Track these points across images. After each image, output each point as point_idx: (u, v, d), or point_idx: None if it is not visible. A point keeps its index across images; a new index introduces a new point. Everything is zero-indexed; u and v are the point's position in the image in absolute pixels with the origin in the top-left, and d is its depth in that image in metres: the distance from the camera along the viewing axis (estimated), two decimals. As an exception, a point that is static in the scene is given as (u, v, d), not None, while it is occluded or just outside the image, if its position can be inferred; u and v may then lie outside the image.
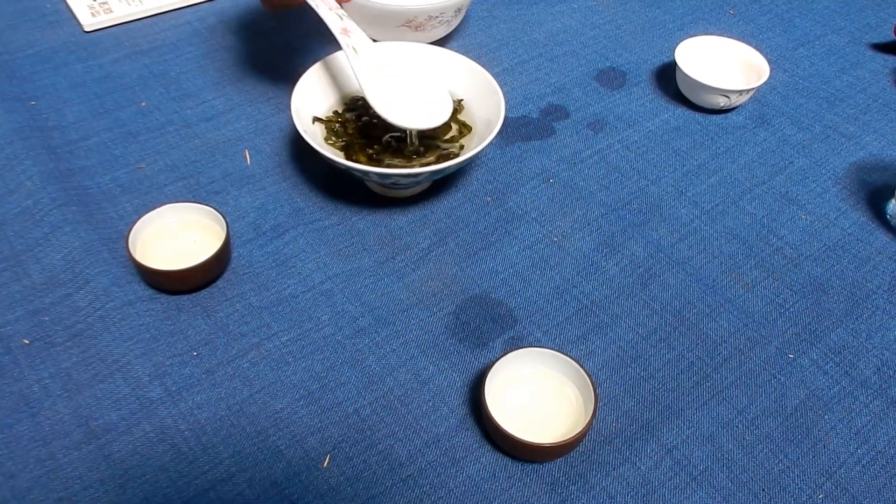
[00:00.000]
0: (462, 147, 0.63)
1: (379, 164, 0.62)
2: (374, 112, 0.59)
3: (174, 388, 0.52)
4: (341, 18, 0.61)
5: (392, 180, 0.58)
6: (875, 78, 0.80)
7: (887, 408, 0.53)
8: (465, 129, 0.64)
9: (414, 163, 0.62)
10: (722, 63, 0.77)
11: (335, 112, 0.66)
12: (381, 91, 0.60)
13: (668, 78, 0.79)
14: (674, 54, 0.74)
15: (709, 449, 0.51)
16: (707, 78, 0.72)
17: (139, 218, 0.57)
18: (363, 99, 0.67)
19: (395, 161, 0.62)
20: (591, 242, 0.63)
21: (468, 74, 0.66)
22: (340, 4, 0.63)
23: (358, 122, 0.65)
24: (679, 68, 0.73)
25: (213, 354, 0.54)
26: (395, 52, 0.64)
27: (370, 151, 0.62)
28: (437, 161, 0.61)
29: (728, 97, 0.72)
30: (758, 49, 0.76)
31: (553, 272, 0.60)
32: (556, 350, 0.51)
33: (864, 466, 0.50)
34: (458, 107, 0.66)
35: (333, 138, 0.63)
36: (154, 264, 0.55)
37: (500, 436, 0.48)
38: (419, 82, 0.62)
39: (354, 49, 0.60)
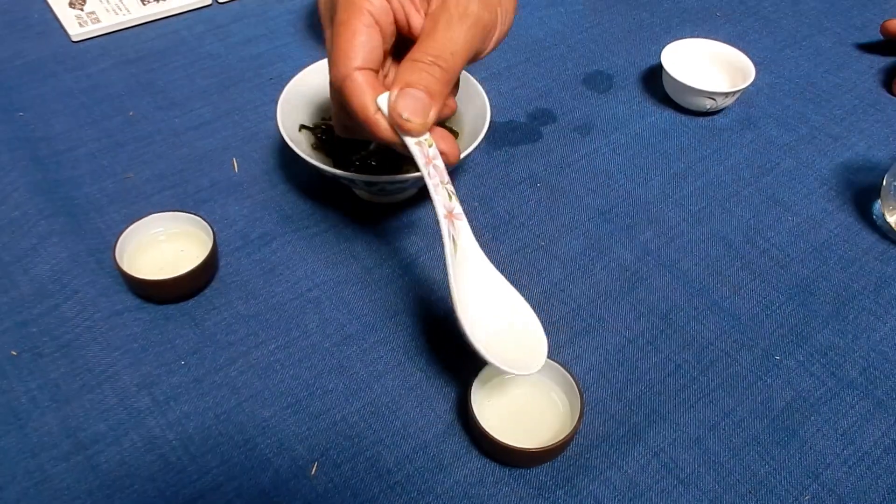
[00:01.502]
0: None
1: (365, 170, 0.62)
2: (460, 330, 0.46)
3: (162, 398, 0.52)
4: (450, 198, 0.48)
5: (378, 187, 0.59)
6: (861, 78, 0.80)
7: (873, 409, 0.53)
8: (451, 134, 0.64)
9: (405, 168, 0.62)
10: (708, 65, 0.77)
11: (322, 119, 0.66)
12: (471, 307, 0.48)
13: (654, 81, 0.79)
14: (660, 57, 0.75)
15: (696, 452, 0.51)
16: (693, 80, 0.73)
17: (126, 228, 0.57)
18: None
19: (387, 166, 0.62)
20: (578, 246, 0.63)
21: (454, 80, 0.66)
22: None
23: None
24: (665, 71, 0.74)
25: (201, 363, 0.54)
26: (490, 266, 0.50)
27: (356, 158, 0.63)
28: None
29: (714, 99, 0.72)
30: (744, 51, 0.76)
31: (540, 276, 0.61)
32: (543, 355, 0.51)
33: (850, 468, 0.50)
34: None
35: (320, 145, 0.64)
36: (141, 274, 0.55)
37: (487, 441, 0.48)
38: (514, 310, 0.50)
39: (455, 242, 0.48)
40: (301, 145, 0.61)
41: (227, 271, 0.60)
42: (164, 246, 0.58)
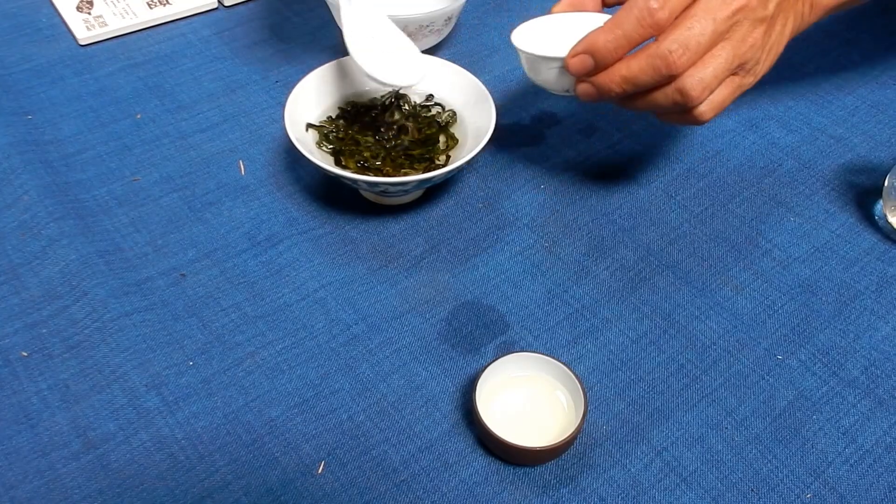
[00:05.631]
0: (448, 157, 0.64)
1: (369, 171, 0.62)
2: (360, 70, 0.62)
3: (171, 398, 0.53)
4: None
5: (381, 188, 0.59)
6: (863, 80, 0.81)
7: (875, 407, 0.54)
8: (451, 141, 0.65)
9: (403, 171, 0.62)
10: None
11: (329, 118, 0.67)
12: (363, 41, 0.62)
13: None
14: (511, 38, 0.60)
15: (698, 450, 0.51)
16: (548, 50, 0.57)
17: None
18: (354, 105, 0.68)
19: (385, 169, 0.63)
20: (581, 247, 0.63)
21: (459, 82, 0.67)
22: None
23: (349, 129, 0.65)
24: (520, 50, 0.58)
25: (209, 364, 0.55)
26: (379, 13, 0.66)
27: (360, 158, 0.63)
28: (427, 170, 0.62)
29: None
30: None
31: (544, 277, 0.61)
32: (547, 355, 0.51)
33: (851, 466, 0.51)
34: (450, 119, 0.67)
35: (325, 143, 0.64)
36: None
37: (492, 440, 0.48)
38: (398, 41, 0.65)
39: None
40: (307, 146, 0.62)
41: (235, 273, 0.60)
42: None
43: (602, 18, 0.59)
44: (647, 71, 0.51)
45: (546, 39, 0.59)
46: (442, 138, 0.66)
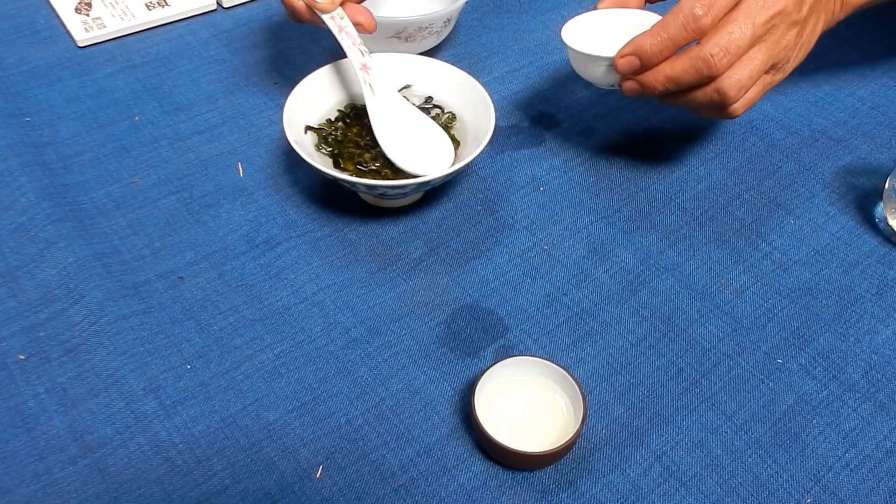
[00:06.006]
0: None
1: (367, 174, 0.62)
2: (382, 150, 0.62)
3: (168, 402, 0.53)
4: (363, 55, 0.63)
5: (380, 191, 0.59)
6: (863, 81, 0.81)
7: (875, 412, 0.54)
8: (453, 143, 0.65)
9: (401, 174, 0.62)
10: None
11: (328, 120, 0.66)
12: (391, 133, 0.62)
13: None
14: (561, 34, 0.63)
15: (698, 455, 0.51)
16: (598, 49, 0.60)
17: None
18: (354, 108, 0.68)
19: (384, 171, 0.63)
20: (581, 250, 0.63)
21: (458, 84, 0.67)
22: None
23: (348, 131, 0.65)
24: (569, 47, 0.62)
25: (207, 367, 0.55)
26: (405, 102, 0.65)
27: (359, 161, 0.63)
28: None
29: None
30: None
31: (544, 280, 0.61)
32: (546, 358, 0.51)
33: (851, 470, 0.51)
34: (450, 121, 0.67)
35: (324, 146, 0.64)
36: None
37: (490, 445, 0.48)
38: (426, 130, 0.64)
39: (371, 87, 0.63)
40: (305, 148, 0.61)
41: (233, 276, 0.60)
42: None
43: (644, 15, 0.65)
44: (690, 72, 0.56)
45: (593, 36, 0.64)
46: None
